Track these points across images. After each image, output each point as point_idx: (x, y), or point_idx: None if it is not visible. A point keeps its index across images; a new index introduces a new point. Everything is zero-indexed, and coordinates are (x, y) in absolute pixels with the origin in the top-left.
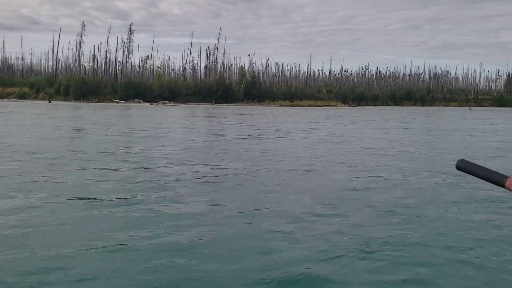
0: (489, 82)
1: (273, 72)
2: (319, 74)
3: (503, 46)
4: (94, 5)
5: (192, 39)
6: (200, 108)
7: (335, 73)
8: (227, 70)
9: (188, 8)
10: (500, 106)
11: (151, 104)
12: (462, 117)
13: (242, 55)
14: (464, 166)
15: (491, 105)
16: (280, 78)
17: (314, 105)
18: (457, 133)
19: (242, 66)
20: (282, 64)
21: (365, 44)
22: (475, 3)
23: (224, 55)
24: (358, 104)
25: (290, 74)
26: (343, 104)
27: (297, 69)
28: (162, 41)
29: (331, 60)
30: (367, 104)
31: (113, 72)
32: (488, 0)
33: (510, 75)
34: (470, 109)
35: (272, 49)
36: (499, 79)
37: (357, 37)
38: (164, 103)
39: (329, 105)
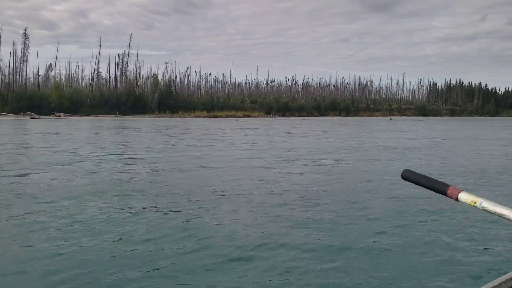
0: (412, 92)
1: (195, 82)
2: (245, 84)
3: (425, 58)
4: (19, 14)
5: (100, 48)
6: (85, 122)
7: (260, 83)
8: (144, 80)
9: (119, 19)
10: (423, 115)
11: (31, 118)
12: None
13: (176, 66)
14: (409, 176)
15: (414, 114)
16: (202, 88)
17: (234, 116)
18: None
19: (155, 73)
20: (205, 73)
21: (298, 57)
22: (399, 18)
23: (137, 64)
24: (283, 115)
25: (215, 84)
26: (266, 115)
27: (220, 78)
28: (89, 52)
29: (257, 70)
30: (292, 115)
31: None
32: (410, 15)
33: (432, 86)
34: (391, 119)
35: (208, 60)
36: (421, 89)
37: (290, 50)
38: (58, 115)
39: (251, 116)
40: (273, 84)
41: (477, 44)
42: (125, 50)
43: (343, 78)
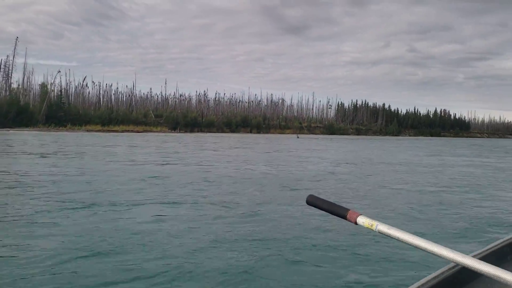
0: (321, 111)
1: (94, 94)
2: (151, 97)
3: (334, 80)
4: None
5: None
6: None
7: (167, 96)
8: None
9: (26, 26)
10: (331, 133)
11: None
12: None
13: (72, 76)
14: (313, 201)
15: (323, 133)
16: (101, 100)
17: (132, 131)
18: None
19: (43, 83)
20: (106, 84)
21: (215, 74)
22: (310, 42)
23: (24, 73)
24: (191, 131)
25: (117, 96)
26: (171, 131)
27: (124, 91)
28: None
29: (165, 83)
30: (201, 131)
31: None
32: (321, 39)
33: (340, 106)
34: (298, 137)
35: (121, 73)
36: (330, 108)
37: (207, 66)
38: None
39: (152, 131)
40: (182, 98)
41: (381, 68)
42: (8, 56)
43: (255, 95)
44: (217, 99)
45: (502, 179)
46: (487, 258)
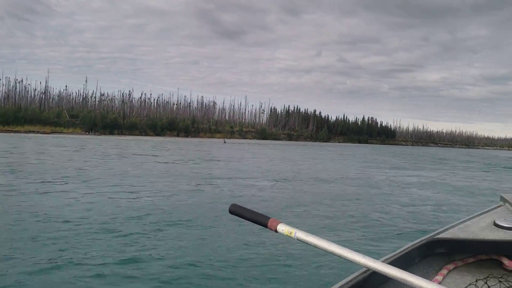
0: (253, 116)
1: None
2: (66, 96)
3: (269, 87)
4: None
5: None
6: None
7: (85, 95)
8: None
9: None
10: (263, 138)
11: None
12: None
13: (11, 75)
14: (235, 210)
15: (255, 137)
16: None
17: (38, 132)
18: None
19: None
20: (16, 80)
21: (148, 75)
22: (246, 47)
23: None
24: (111, 133)
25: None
26: (85, 132)
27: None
28: None
29: (86, 81)
30: (123, 133)
31: None
32: (256, 45)
33: (272, 111)
34: (225, 142)
35: (46, 71)
36: (263, 113)
37: (140, 67)
38: None
39: (62, 133)
40: (104, 98)
41: (314, 76)
42: None
43: (185, 96)
44: (142, 99)
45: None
46: (396, 262)
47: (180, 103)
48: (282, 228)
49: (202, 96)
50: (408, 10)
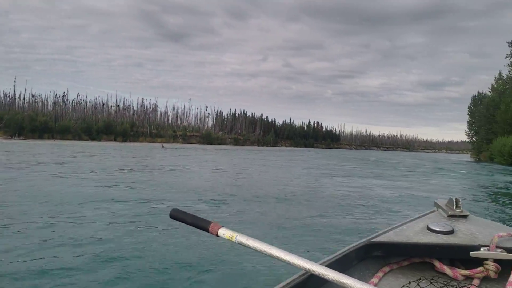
0: (198, 119)
1: None
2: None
3: (215, 90)
4: None
5: None
6: None
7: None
8: None
9: None
10: (208, 143)
11: None
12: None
13: None
14: (176, 215)
15: (199, 142)
16: None
17: None
18: None
19: None
20: None
21: (88, 77)
22: (191, 50)
23: None
24: (41, 137)
25: None
26: (9, 137)
27: None
28: None
29: (15, 81)
30: (53, 137)
31: None
32: (202, 48)
33: (218, 114)
34: (163, 147)
35: None
36: (208, 117)
37: (80, 69)
38: None
39: None
40: (35, 99)
41: (260, 81)
42: None
43: (124, 99)
44: (77, 101)
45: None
46: (334, 264)
47: (119, 106)
48: (224, 232)
49: (143, 99)
50: (349, 17)
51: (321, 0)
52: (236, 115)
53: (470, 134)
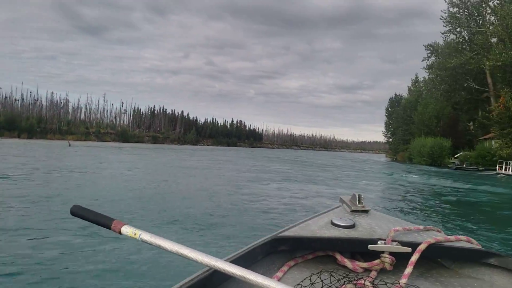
0: (114, 116)
1: None
2: None
3: (134, 86)
4: None
5: None
6: None
7: None
8: None
9: None
10: (124, 141)
11: None
12: None
13: None
14: (77, 212)
15: (115, 140)
16: None
17: None
18: None
19: None
20: None
21: None
22: (109, 44)
23: None
24: None
25: None
26: None
27: None
28: None
29: None
30: None
31: None
32: (120, 43)
33: (136, 111)
34: (70, 145)
35: None
36: (125, 113)
37: None
38: None
39: None
40: None
41: (181, 78)
42: None
43: (31, 92)
44: None
45: None
46: (239, 260)
47: (23, 100)
48: (127, 230)
49: (52, 92)
50: (271, 19)
51: (243, 0)
52: (155, 111)
53: (387, 135)
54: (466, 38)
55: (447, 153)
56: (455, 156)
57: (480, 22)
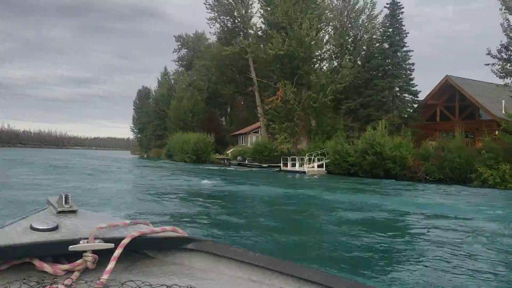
0: None
1: None
2: None
3: None
4: None
5: None
6: None
7: None
8: None
9: None
10: None
11: None
12: None
13: None
14: None
15: None
16: None
17: None
18: None
19: None
20: None
21: None
22: None
23: None
24: None
25: None
26: None
27: None
28: None
29: None
30: None
31: None
32: None
33: None
34: None
35: None
36: None
37: None
38: None
39: None
40: None
41: None
42: None
43: None
44: None
45: None
46: None
47: None
48: None
49: None
50: None
51: None
52: None
53: (135, 130)
54: (230, 27)
55: (212, 149)
56: (228, 152)
57: (244, 12)
